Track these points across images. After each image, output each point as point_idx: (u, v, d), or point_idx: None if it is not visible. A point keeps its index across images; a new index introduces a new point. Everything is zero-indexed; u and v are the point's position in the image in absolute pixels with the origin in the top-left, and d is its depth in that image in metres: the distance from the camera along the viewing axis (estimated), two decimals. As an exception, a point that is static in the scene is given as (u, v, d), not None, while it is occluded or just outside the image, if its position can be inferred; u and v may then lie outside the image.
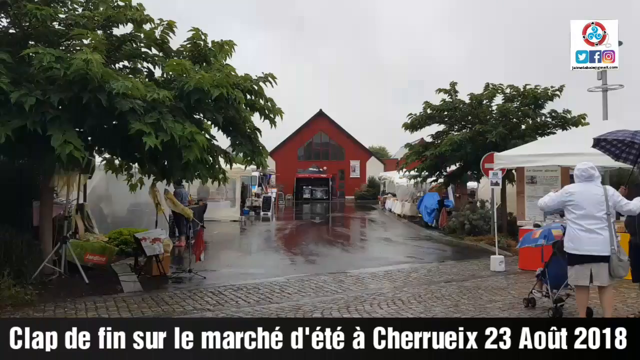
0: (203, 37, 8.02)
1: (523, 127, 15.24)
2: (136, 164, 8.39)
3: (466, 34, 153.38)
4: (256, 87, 7.81)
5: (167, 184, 9.22)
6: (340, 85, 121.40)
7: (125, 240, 10.63)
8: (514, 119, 15.22)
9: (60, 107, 6.30)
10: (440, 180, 18.16)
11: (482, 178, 16.18)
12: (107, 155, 8.57)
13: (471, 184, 20.90)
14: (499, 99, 15.81)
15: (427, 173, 17.31)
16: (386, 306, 6.87)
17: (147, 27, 7.92)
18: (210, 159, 7.63)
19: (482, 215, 15.07)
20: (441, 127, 17.12)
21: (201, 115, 7.76)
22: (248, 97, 7.76)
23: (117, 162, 8.63)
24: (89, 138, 7.51)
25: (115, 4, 7.81)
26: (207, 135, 7.56)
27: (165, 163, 7.68)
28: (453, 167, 17.15)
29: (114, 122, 7.12)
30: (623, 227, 7.57)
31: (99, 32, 7.58)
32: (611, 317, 5.68)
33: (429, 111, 16.43)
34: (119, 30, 8.05)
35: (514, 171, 13.08)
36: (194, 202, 16.17)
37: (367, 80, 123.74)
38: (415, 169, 17.73)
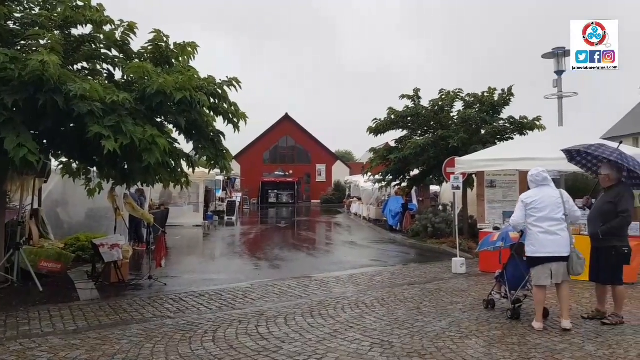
0: (165, 38, 7.91)
1: (483, 132, 15.58)
2: (95, 168, 8.19)
3: (426, 40, 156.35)
4: (220, 91, 7.74)
5: (127, 188, 9.02)
6: (305, 89, 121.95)
7: (82, 247, 10.38)
8: (474, 125, 15.55)
9: (14, 109, 6.09)
10: (404, 184, 18.38)
11: (444, 182, 16.46)
12: (64, 159, 8.33)
13: (434, 188, 21.22)
14: (459, 105, 16.15)
15: (391, 177, 17.51)
16: (350, 310, 6.89)
17: (107, 28, 7.76)
18: (172, 162, 7.50)
19: (444, 219, 15.30)
20: (405, 133, 17.36)
21: (163, 118, 7.63)
22: (212, 100, 7.68)
23: (74, 165, 8.39)
24: (45, 141, 7.30)
25: (74, 4, 7.61)
26: (168, 139, 7.45)
27: (125, 167, 7.53)
28: (416, 171, 17.39)
29: (71, 125, 6.95)
30: (577, 229, 7.90)
31: (57, 32, 7.38)
32: (568, 315, 5.87)
33: (392, 117, 16.64)
34: (78, 31, 7.87)
35: (474, 176, 13.36)
36: (156, 207, 15.92)
37: (331, 84, 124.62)
38: (380, 173, 17.91)
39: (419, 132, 16.91)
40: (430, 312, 6.76)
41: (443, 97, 16.19)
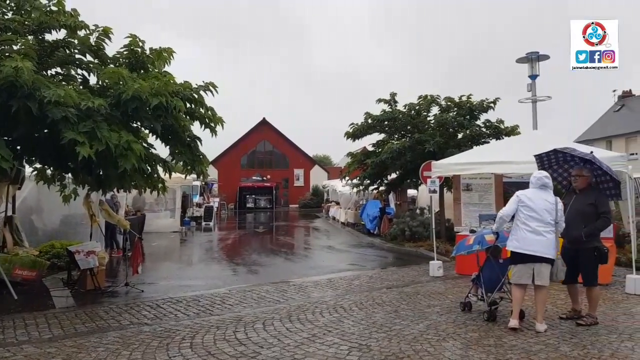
0: (141, 44, 7.85)
1: (459, 136, 15.79)
2: (69, 174, 8.07)
3: (395, 43, 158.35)
4: (196, 96, 7.70)
5: (102, 194, 8.91)
6: (281, 94, 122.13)
7: (57, 254, 10.22)
8: (451, 129, 15.75)
9: (-14, 115, 5.99)
10: (382, 188, 18.50)
11: (421, 185, 16.63)
12: (38, 165, 8.19)
13: (412, 192, 21.40)
14: (436, 109, 16.34)
15: (368, 181, 17.61)
16: (328, 314, 6.91)
17: (81, 33, 7.67)
18: (148, 168, 7.44)
19: (421, 222, 15.45)
20: (382, 137, 17.49)
21: (138, 123, 7.56)
22: (188, 105, 7.64)
23: (49, 172, 8.26)
24: (19, 147, 7.18)
25: (48, 9, 7.52)
26: (144, 144, 7.39)
27: (101, 173, 7.44)
28: (394, 175, 17.52)
29: (45, 131, 6.85)
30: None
31: (30, 37, 7.28)
32: (542, 319, 6.00)
33: (369, 121, 16.76)
34: (52, 36, 7.76)
35: (452, 178, 13.52)
36: (132, 213, 15.74)
37: (307, 89, 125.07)
38: (358, 177, 18.01)
39: (396, 136, 17.06)
40: (408, 315, 6.82)
41: (421, 102, 16.37)
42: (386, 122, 16.57)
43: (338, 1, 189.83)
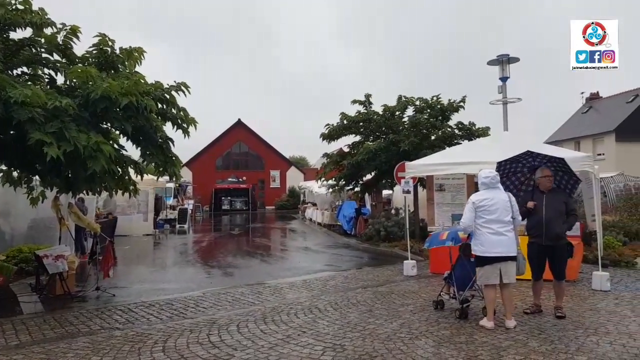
0: (110, 43, 7.73)
1: (433, 137, 15.96)
2: (37, 176, 7.89)
3: (361, 46, 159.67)
4: (168, 96, 7.61)
5: (72, 196, 8.73)
6: (256, 97, 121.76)
7: (25, 258, 9.97)
8: (424, 130, 15.91)
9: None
10: (357, 188, 18.57)
11: (396, 186, 16.76)
12: (3, 167, 7.98)
13: (387, 192, 21.53)
14: (410, 111, 16.51)
15: (344, 182, 17.66)
16: (303, 315, 6.90)
17: (48, 31, 7.51)
18: (119, 169, 7.33)
19: (396, 222, 15.55)
20: (358, 138, 17.58)
21: (108, 124, 7.44)
22: (159, 106, 7.53)
23: (15, 174, 8.06)
24: (-18, 149, 7.00)
25: (14, 7, 7.34)
26: (115, 145, 7.27)
27: (70, 174, 7.29)
28: (369, 176, 17.61)
29: (11, 132, 6.69)
30: (521, 230, 8.19)
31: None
32: (511, 315, 6.09)
33: (345, 122, 16.82)
34: (18, 35, 7.59)
35: (425, 178, 13.65)
36: (103, 216, 15.49)
37: (282, 92, 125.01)
38: (334, 178, 18.06)
39: (371, 137, 17.16)
40: (382, 314, 6.85)
41: (397, 104, 16.51)
42: (361, 123, 16.66)
43: (305, 4, 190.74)
